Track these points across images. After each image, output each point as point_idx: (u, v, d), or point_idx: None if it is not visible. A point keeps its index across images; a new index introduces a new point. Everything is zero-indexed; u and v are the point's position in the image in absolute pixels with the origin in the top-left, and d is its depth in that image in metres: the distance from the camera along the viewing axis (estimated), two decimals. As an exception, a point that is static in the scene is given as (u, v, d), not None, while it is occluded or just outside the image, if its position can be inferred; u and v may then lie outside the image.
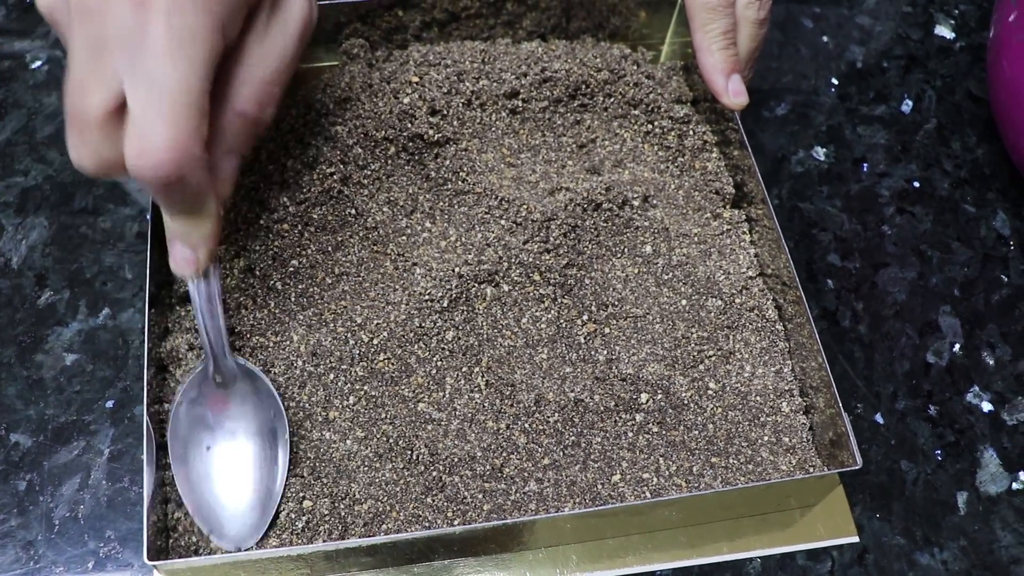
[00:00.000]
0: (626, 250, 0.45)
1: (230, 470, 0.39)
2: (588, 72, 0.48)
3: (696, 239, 0.46)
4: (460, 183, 0.45)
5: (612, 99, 0.49)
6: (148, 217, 0.48)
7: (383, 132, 0.45)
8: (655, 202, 0.47)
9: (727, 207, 0.47)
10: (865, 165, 0.54)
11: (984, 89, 0.57)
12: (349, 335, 0.42)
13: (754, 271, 0.45)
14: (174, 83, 0.30)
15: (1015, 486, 0.44)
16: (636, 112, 0.49)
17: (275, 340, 0.42)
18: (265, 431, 0.39)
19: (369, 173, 0.45)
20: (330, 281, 0.43)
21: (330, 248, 0.44)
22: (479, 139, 0.47)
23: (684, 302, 0.44)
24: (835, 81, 0.57)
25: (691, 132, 0.48)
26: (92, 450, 0.42)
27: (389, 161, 0.46)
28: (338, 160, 0.44)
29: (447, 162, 0.46)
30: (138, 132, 0.30)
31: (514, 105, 0.48)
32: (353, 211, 0.44)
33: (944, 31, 0.60)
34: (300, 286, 0.43)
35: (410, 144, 0.46)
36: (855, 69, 0.58)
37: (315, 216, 0.44)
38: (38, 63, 0.54)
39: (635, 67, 0.49)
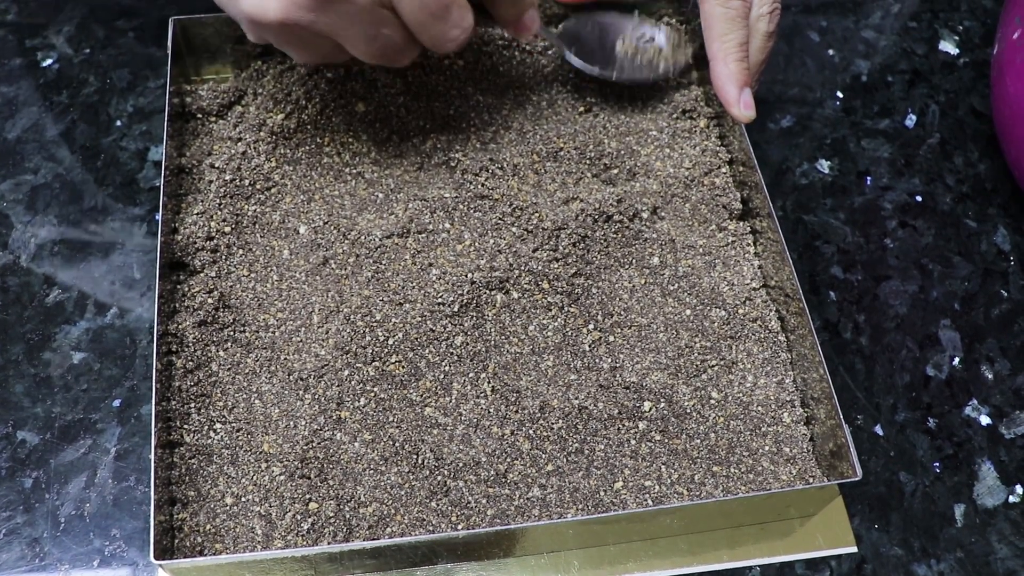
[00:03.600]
0: (634, 261, 0.46)
1: None
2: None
3: (701, 250, 0.46)
4: (481, 187, 0.46)
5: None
6: (157, 217, 0.49)
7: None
8: (663, 214, 0.47)
9: (733, 219, 0.48)
10: (868, 178, 0.54)
11: (987, 105, 0.57)
12: (367, 330, 0.42)
13: (758, 282, 0.46)
14: None
15: (1012, 499, 0.44)
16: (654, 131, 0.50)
17: (295, 322, 0.43)
18: None
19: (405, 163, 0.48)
20: (351, 261, 0.44)
21: (354, 231, 0.45)
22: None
23: (688, 312, 0.45)
24: (840, 94, 0.58)
25: (705, 148, 0.49)
26: (99, 449, 0.43)
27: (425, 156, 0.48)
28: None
29: (475, 160, 0.47)
30: None
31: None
32: (381, 196, 0.46)
33: (948, 47, 0.60)
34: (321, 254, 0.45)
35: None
36: (860, 83, 0.58)
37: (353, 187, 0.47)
38: (49, 61, 0.54)
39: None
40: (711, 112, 0.51)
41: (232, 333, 0.42)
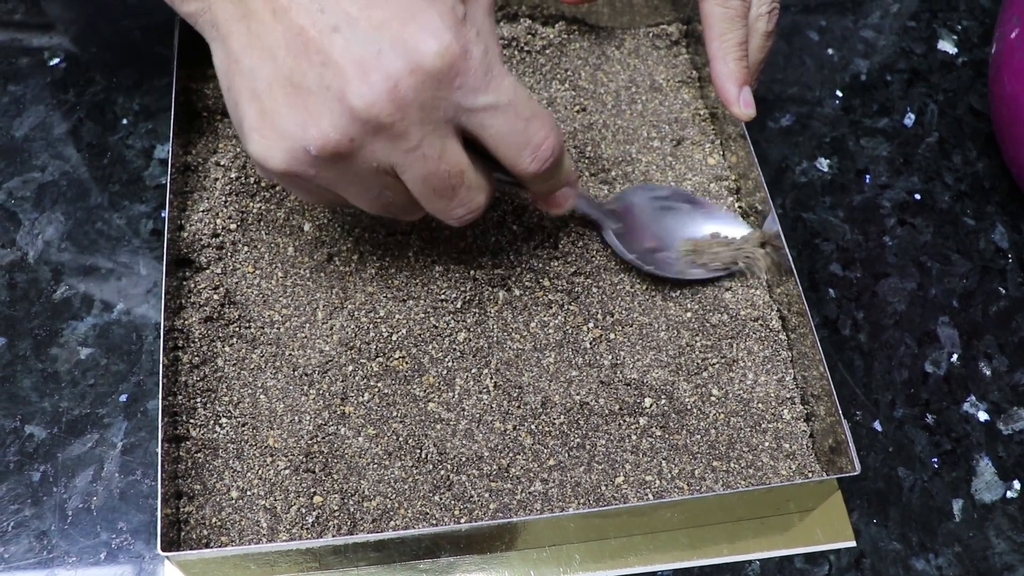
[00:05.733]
0: (633, 269, 0.46)
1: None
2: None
3: None
4: None
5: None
6: (163, 215, 0.49)
7: None
8: None
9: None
10: (867, 177, 0.55)
11: (985, 104, 0.58)
12: (371, 326, 0.43)
13: (762, 290, 0.46)
14: (513, 87, 0.33)
15: (1009, 494, 0.45)
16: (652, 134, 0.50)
17: (299, 318, 0.43)
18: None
19: None
20: (355, 258, 0.45)
21: (357, 228, 0.45)
22: None
23: (689, 314, 0.45)
24: (839, 93, 0.58)
25: (706, 153, 0.50)
26: (105, 443, 0.43)
27: None
28: None
29: None
30: (522, 142, 0.34)
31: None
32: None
33: (947, 46, 0.61)
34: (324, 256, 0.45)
35: None
36: (859, 82, 0.59)
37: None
38: (56, 60, 0.55)
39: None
40: (712, 126, 0.51)
41: (238, 329, 0.43)
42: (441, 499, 0.40)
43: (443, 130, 0.32)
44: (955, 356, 0.49)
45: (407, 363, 0.42)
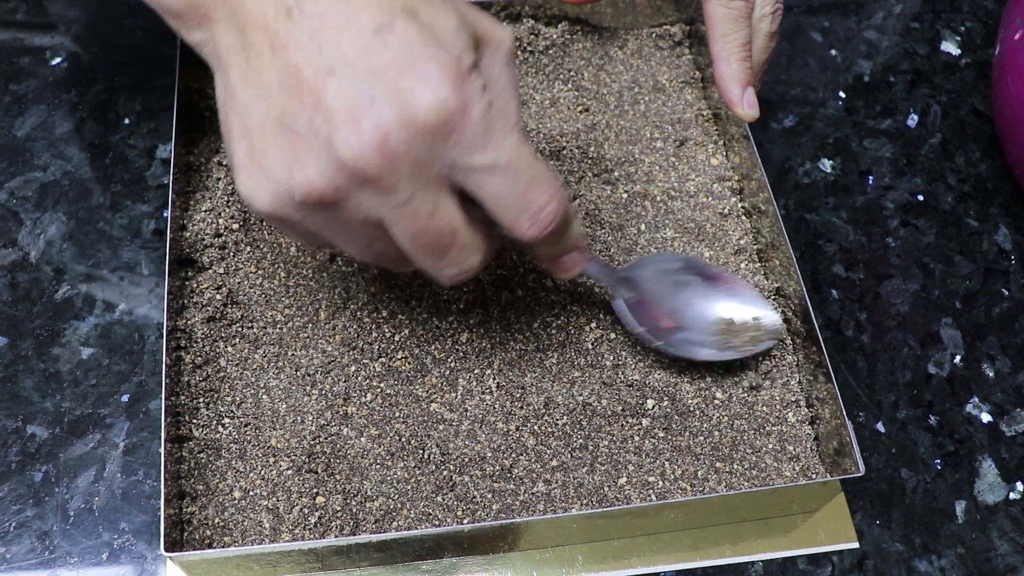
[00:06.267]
0: None
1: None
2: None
3: (708, 261, 0.47)
4: None
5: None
6: (165, 214, 0.49)
7: None
8: (666, 221, 0.48)
9: (738, 234, 0.48)
10: (870, 178, 0.55)
11: (988, 105, 0.58)
12: (374, 327, 0.43)
13: (767, 290, 0.46)
14: (515, 148, 0.31)
15: (1012, 496, 0.45)
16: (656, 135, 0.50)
17: (302, 318, 0.43)
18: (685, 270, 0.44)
19: None
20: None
21: None
22: None
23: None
24: (842, 94, 0.58)
25: (709, 157, 0.50)
26: (107, 443, 0.43)
27: None
28: None
29: None
30: (520, 206, 0.31)
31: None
32: None
33: (950, 47, 0.61)
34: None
35: None
36: (862, 83, 0.59)
37: None
38: (58, 59, 0.55)
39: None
40: (716, 127, 0.51)
41: (240, 329, 0.43)
42: (444, 500, 0.39)
43: (436, 186, 0.30)
44: (958, 357, 0.48)
45: (410, 363, 0.42)
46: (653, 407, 0.42)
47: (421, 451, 0.40)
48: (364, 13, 0.29)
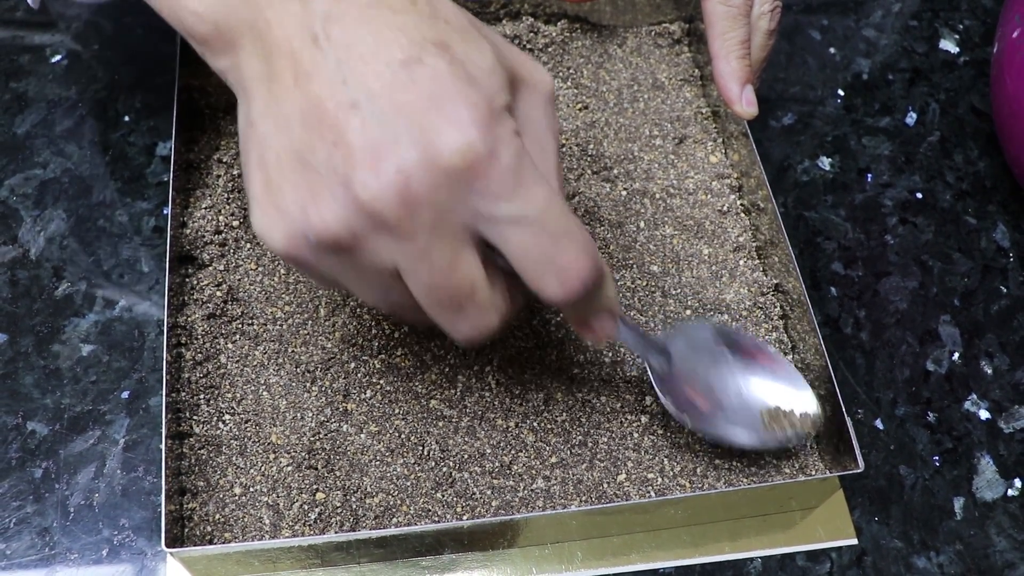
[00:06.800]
0: (635, 266, 0.46)
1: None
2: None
3: (707, 259, 0.47)
4: None
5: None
6: (165, 211, 0.49)
7: None
8: (666, 219, 0.48)
9: (736, 231, 0.48)
10: (869, 176, 0.55)
11: (987, 103, 0.58)
12: (373, 324, 0.43)
13: (766, 287, 0.46)
14: (545, 200, 0.28)
15: (1011, 492, 0.45)
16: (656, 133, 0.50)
17: (302, 315, 0.43)
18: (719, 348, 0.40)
19: None
20: None
21: None
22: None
23: (689, 312, 0.45)
24: (841, 92, 0.58)
25: (709, 154, 0.50)
26: (107, 440, 0.43)
27: None
28: None
29: None
30: (547, 263, 0.29)
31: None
32: None
33: (949, 45, 0.61)
34: None
35: None
36: (861, 81, 0.59)
37: None
38: (58, 57, 0.55)
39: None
40: (715, 125, 0.52)
41: (240, 326, 0.43)
42: (443, 496, 0.40)
43: (457, 237, 0.28)
44: (956, 355, 0.49)
45: (409, 360, 0.42)
46: (652, 403, 0.42)
47: (421, 447, 0.40)
48: (393, 44, 0.27)
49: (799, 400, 0.40)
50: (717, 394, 0.40)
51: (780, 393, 0.40)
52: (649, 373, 0.40)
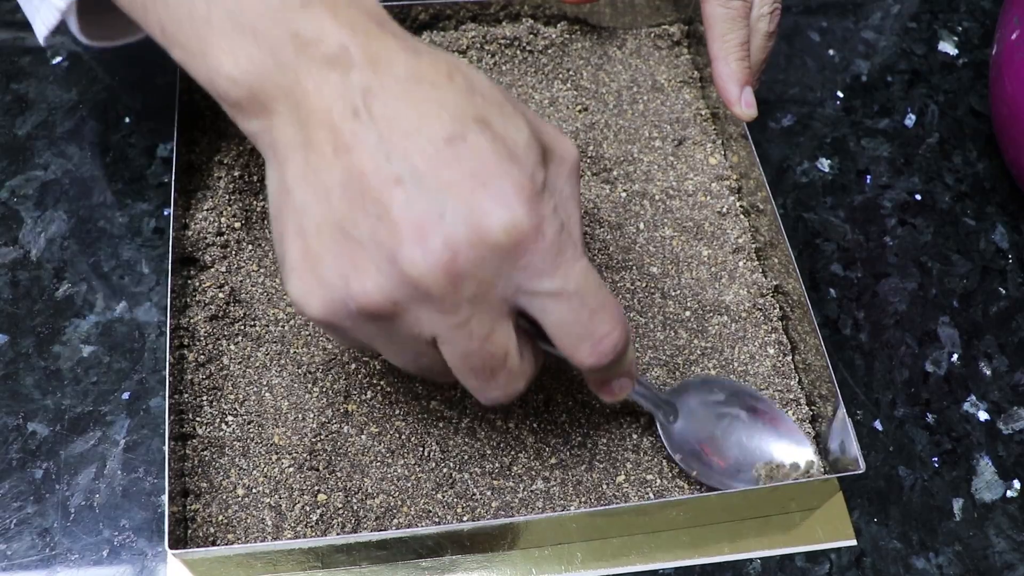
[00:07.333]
0: (634, 267, 0.46)
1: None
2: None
3: (706, 260, 0.47)
4: None
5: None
6: (166, 213, 0.49)
7: None
8: (665, 220, 0.48)
9: (735, 232, 0.48)
10: (868, 177, 0.55)
11: (986, 105, 0.58)
12: None
13: (765, 288, 0.46)
14: (583, 274, 0.29)
15: (1009, 494, 0.45)
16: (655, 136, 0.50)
17: (303, 317, 0.43)
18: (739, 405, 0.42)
19: None
20: None
21: None
22: None
23: (688, 313, 0.45)
24: (840, 94, 0.58)
25: (708, 157, 0.50)
26: (108, 440, 0.43)
27: None
28: None
29: None
30: (583, 334, 0.30)
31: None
32: None
33: (947, 47, 0.61)
34: None
35: None
36: (860, 82, 0.59)
37: None
38: (58, 59, 0.55)
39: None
40: (714, 126, 0.52)
41: (243, 327, 0.43)
42: (444, 497, 0.40)
43: (497, 310, 0.29)
44: (955, 356, 0.49)
45: (410, 361, 0.42)
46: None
47: (421, 448, 0.41)
48: (436, 121, 0.28)
49: (798, 454, 0.42)
50: (719, 449, 0.42)
51: (782, 450, 0.42)
52: (658, 427, 0.41)
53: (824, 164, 0.55)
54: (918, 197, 0.54)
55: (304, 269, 0.29)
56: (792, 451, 0.42)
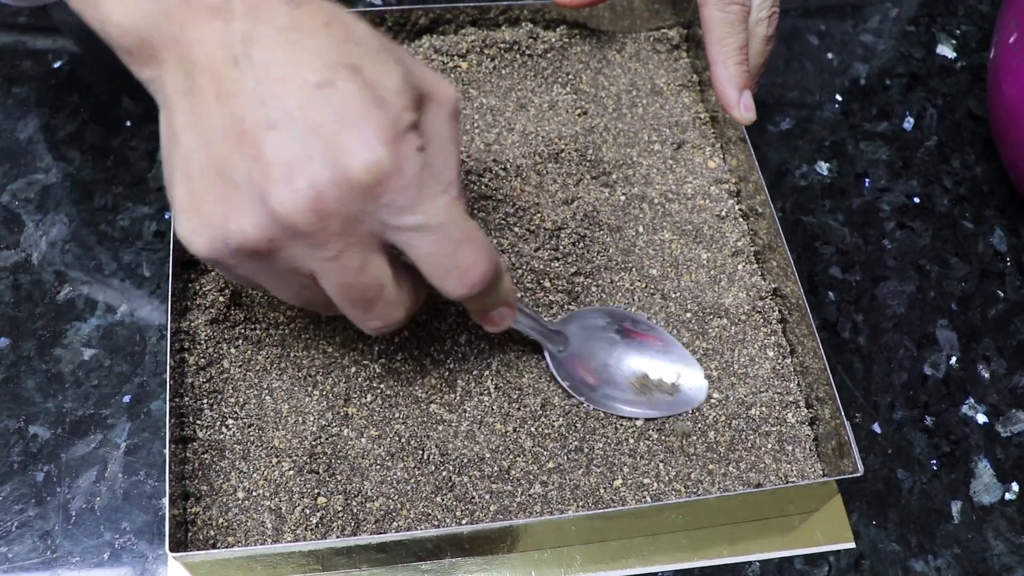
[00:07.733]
0: (634, 269, 0.47)
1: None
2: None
3: (705, 263, 0.47)
4: (484, 187, 0.47)
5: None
6: (167, 216, 0.49)
7: None
8: (664, 223, 0.48)
9: (734, 235, 0.48)
10: (867, 180, 0.55)
11: (984, 108, 0.58)
12: None
13: (764, 291, 0.46)
14: (445, 209, 0.31)
15: (1008, 496, 0.45)
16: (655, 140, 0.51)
17: (304, 319, 0.43)
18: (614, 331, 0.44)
19: None
20: None
21: None
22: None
23: (689, 315, 0.45)
24: (839, 97, 0.58)
25: (707, 161, 0.50)
26: (109, 443, 0.43)
27: None
28: None
29: (479, 162, 0.47)
30: (448, 265, 0.32)
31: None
32: None
33: (946, 51, 0.61)
34: None
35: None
36: (858, 86, 0.59)
37: None
38: (59, 62, 0.55)
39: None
40: (713, 130, 0.52)
41: (243, 331, 0.43)
42: (443, 500, 0.40)
43: (365, 243, 0.31)
44: (954, 359, 0.49)
45: (409, 364, 0.43)
46: (651, 408, 0.43)
47: (420, 451, 0.41)
48: (308, 67, 0.29)
49: (682, 372, 0.44)
50: (605, 371, 0.44)
51: (660, 367, 0.44)
52: (547, 356, 0.43)
53: (823, 167, 0.55)
54: (916, 200, 0.54)
55: (190, 210, 0.31)
56: (675, 370, 0.44)
